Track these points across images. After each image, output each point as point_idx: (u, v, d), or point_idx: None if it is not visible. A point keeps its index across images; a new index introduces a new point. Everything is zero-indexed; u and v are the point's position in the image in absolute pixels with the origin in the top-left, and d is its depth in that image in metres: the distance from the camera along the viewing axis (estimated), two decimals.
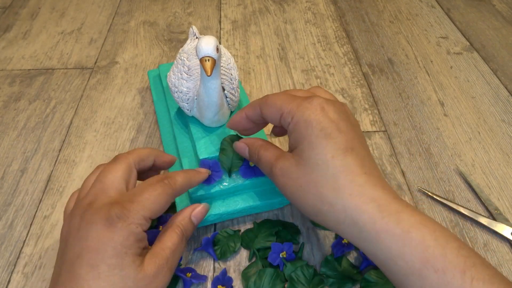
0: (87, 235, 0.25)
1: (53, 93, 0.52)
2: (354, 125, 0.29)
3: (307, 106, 0.28)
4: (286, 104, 0.29)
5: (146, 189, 0.28)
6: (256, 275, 0.33)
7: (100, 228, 0.25)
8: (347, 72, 0.55)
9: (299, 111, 0.28)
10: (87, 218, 0.26)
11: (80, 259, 0.25)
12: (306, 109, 0.28)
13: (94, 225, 0.26)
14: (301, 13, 0.67)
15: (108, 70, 0.55)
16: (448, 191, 0.41)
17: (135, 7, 0.68)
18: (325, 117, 0.27)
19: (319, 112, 0.27)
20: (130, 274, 0.25)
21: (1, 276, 0.34)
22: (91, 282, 0.24)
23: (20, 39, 0.61)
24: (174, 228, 0.30)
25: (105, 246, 0.25)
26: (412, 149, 0.45)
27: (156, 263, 0.27)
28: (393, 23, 0.65)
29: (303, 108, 0.28)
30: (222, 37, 0.62)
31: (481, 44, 0.60)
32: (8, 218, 0.38)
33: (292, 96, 0.29)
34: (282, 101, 0.29)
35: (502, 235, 0.37)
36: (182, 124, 0.42)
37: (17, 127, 0.47)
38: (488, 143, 0.46)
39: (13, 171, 0.42)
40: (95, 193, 0.28)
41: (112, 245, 0.25)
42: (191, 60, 0.39)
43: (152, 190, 0.28)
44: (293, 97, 0.29)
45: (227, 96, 0.38)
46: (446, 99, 0.51)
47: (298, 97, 0.29)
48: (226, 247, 0.35)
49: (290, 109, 0.28)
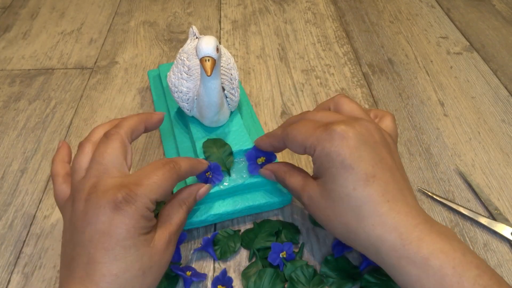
0: (96, 219, 0.25)
1: (53, 93, 0.52)
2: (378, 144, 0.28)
3: (327, 138, 0.28)
4: (307, 138, 0.29)
5: (152, 172, 0.28)
6: (256, 275, 0.33)
7: (109, 212, 0.25)
8: (347, 72, 0.55)
9: (319, 145, 0.28)
10: (93, 202, 0.26)
11: (93, 242, 0.25)
12: (326, 141, 0.28)
13: (102, 208, 0.25)
14: (301, 13, 0.67)
15: (108, 70, 0.55)
16: (448, 191, 0.41)
17: (135, 7, 0.68)
18: (345, 147, 0.27)
19: (339, 143, 0.27)
20: (145, 252, 0.26)
21: (1, 276, 0.34)
22: (108, 265, 0.25)
23: (20, 39, 0.61)
24: (181, 204, 0.31)
25: (118, 230, 0.25)
26: (412, 149, 0.45)
27: (166, 238, 0.28)
28: (393, 23, 0.65)
29: (323, 141, 0.28)
30: (222, 37, 0.62)
31: (481, 44, 0.60)
32: (8, 218, 0.38)
33: (312, 127, 0.29)
34: (303, 136, 0.29)
35: (502, 235, 0.37)
36: (182, 124, 0.42)
37: (17, 127, 0.47)
38: (488, 143, 0.46)
39: (13, 171, 0.42)
40: (96, 174, 0.27)
41: (125, 228, 0.25)
42: (191, 60, 0.39)
43: (159, 174, 0.28)
44: (313, 129, 0.29)
45: (227, 96, 0.38)
46: (446, 99, 0.51)
47: (318, 128, 0.29)
48: (226, 247, 0.35)
49: (311, 143, 0.29)
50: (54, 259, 0.35)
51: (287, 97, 0.51)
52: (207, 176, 0.35)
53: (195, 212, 0.35)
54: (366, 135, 0.28)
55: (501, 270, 0.35)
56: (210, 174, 0.35)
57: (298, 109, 0.49)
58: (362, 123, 0.29)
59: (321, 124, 0.29)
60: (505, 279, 0.34)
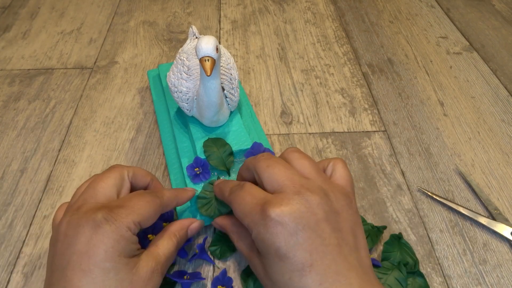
0: (75, 239, 0.25)
1: (52, 93, 0.52)
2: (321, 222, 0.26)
3: (261, 223, 0.26)
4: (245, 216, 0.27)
5: (134, 196, 0.28)
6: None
7: (88, 231, 0.25)
8: (346, 72, 0.55)
9: (255, 228, 0.26)
10: (73, 222, 0.26)
11: (70, 264, 0.24)
12: (261, 226, 0.26)
13: (81, 228, 0.25)
14: (301, 13, 0.67)
15: (107, 70, 0.55)
16: (447, 191, 0.41)
17: (134, 7, 0.68)
18: (280, 234, 0.25)
19: (273, 230, 0.25)
20: (125, 277, 0.25)
21: (1, 276, 0.34)
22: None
23: (20, 39, 0.61)
24: (171, 236, 0.30)
25: (96, 249, 0.24)
26: (411, 149, 0.45)
27: (151, 266, 0.27)
28: (393, 23, 0.65)
29: (258, 226, 0.26)
30: (222, 37, 0.62)
31: (480, 44, 0.60)
32: (8, 218, 0.38)
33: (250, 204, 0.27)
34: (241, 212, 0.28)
35: (501, 235, 0.37)
36: (181, 124, 0.42)
37: (17, 127, 0.47)
38: (487, 143, 0.46)
39: (13, 171, 0.42)
40: (84, 198, 0.28)
41: (103, 248, 0.25)
42: (190, 60, 0.39)
43: (141, 198, 0.28)
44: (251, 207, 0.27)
45: (227, 96, 0.38)
46: (446, 99, 0.51)
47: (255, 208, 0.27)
48: (225, 247, 0.35)
49: (248, 224, 0.27)
50: None
51: (286, 97, 0.51)
52: (196, 172, 0.36)
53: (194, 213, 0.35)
54: (307, 215, 0.25)
55: (501, 270, 0.35)
56: (199, 170, 0.36)
57: (298, 109, 0.49)
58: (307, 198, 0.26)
59: (259, 202, 0.27)
60: (505, 279, 0.34)
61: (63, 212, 0.29)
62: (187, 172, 0.36)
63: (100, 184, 0.28)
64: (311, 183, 0.27)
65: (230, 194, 0.30)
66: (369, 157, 0.44)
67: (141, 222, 0.27)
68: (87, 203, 0.27)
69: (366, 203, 0.39)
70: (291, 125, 0.47)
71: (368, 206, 0.39)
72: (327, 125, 0.47)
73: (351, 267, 0.25)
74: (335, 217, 0.27)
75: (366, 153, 0.44)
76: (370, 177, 0.42)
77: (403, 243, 0.35)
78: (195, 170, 0.36)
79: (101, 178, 0.29)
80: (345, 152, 0.44)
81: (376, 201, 0.40)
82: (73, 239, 0.25)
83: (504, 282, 0.34)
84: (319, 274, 0.25)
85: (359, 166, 0.43)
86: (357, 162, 0.43)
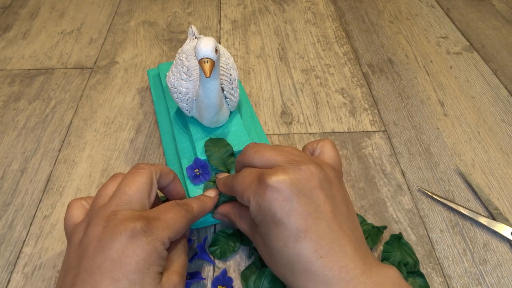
0: (110, 245, 0.25)
1: (52, 93, 0.52)
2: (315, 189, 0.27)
3: (259, 191, 0.27)
4: (244, 191, 0.28)
5: (169, 210, 0.28)
6: (256, 275, 0.33)
7: (125, 240, 0.25)
8: (347, 72, 0.55)
9: (253, 198, 0.27)
10: (111, 228, 0.25)
11: (101, 270, 0.24)
12: (258, 195, 0.27)
13: (118, 235, 0.25)
14: (301, 13, 0.67)
15: (108, 70, 0.55)
16: (448, 191, 0.41)
17: (134, 7, 0.68)
18: (276, 200, 0.26)
19: (270, 196, 0.26)
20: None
21: (1, 276, 0.34)
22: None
23: (20, 39, 0.61)
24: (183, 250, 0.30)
25: (128, 259, 0.24)
26: (412, 149, 0.45)
27: (174, 282, 0.27)
28: (393, 23, 0.65)
29: (256, 195, 0.27)
30: (222, 37, 0.62)
31: (480, 44, 0.60)
32: (8, 218, 0.38)
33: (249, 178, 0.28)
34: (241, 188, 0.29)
35: (502, 235, 0.37)
36: (181, 124, 0.42)
37: (17, 127, 0.47)
38: (488, 143, 0.46)
39: (13, 171, 0.42)
40: (118, 203, 0.27)
41: (136, 259, 0.24)
42: (190, 61, 0.39)
43: (177, 212, 0.28)
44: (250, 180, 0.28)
45: (227, 97, 0.38)
46: (446, 99, 0.51)
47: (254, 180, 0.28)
48: (225, 246, 0.35)
49: (247, 197, 0.28)
50: (54, 259, 0.35)
51: (287, 97, 0.51)
52: (196, 173, 0.36)
53: None
54: (302, 182, 0.26)
55: (501, 270, 0.35)
56: (199, 171, 0.36)
57: (298, 109, 0.49)
58: (300, 167, 0.27)
59: (257, 175, 0.28)
60: (505, 279, 0.34)
61: (79, 210, 0.29)
62: (187, 173, 0.36)
63: (133, 189, 0.28)
64: (302, 157, 0.29)
65: (232, 180, 0.31)
66: (369, 157, 0.44)
67: (173, 237, 0.27)
68: (123, 210, 0.27)
69: (366, 203, 0.39)
70: (291, 125, 0.47)
71: (368, 206, 0.39)
72: (327, 125, 0.47)
73: (346, 235, 0.26)
74: (329, 185, 0.27)
75: (366, 153, 0.44)
76: (370, 177, 0.42)
77: (403, 243, 0.35)
78: (195, 171, 0.36)
79: (132, 181, 0.28)
80: (345, 152, 0.44)
81: (376, 201, 0.40)
82: (108, 245, 0.25)
83: (504, 282, 0.34)
84: (313, 241, 0.25)
85: (359, 166, 0.43)
86: (357, 162, 0.43)
